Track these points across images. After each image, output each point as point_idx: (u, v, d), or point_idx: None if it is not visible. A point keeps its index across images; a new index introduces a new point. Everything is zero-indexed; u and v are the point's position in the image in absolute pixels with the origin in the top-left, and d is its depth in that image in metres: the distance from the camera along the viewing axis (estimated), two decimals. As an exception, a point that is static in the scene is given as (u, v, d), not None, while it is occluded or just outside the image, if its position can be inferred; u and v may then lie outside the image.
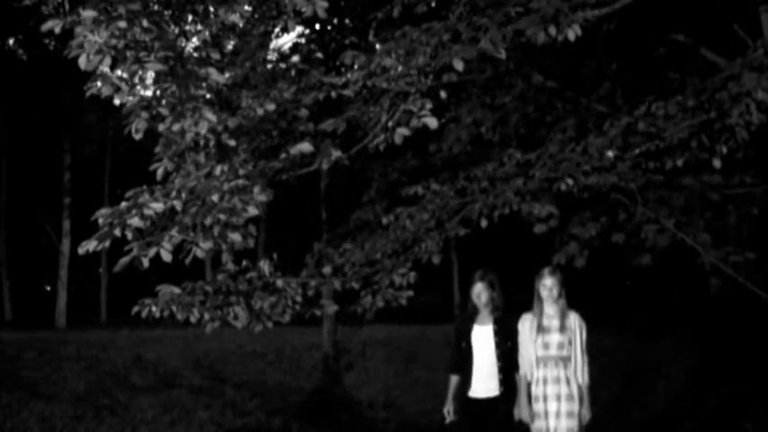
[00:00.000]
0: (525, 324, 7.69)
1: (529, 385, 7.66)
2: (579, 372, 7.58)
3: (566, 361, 7.55)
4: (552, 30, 6.66)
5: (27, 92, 32.19)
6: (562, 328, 7.56)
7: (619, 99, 10.72)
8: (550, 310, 7.63)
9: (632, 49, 11.33)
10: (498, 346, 7.80)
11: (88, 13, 5.80)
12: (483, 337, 7.88)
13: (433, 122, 6.75)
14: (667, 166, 8.62)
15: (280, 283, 7.85)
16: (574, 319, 7.59)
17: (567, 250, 9.45)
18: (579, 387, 7.59)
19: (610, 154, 8.37)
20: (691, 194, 9.49)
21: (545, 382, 7.58)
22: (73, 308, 34.95)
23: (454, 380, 8.08)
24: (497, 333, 7.82)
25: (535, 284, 7.69)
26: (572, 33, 6.62)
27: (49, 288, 41.12)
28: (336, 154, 7.16)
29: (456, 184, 9.39)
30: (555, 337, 7.56)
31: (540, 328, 7.61)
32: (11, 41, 35.52)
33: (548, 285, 7.62)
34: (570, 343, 7.56)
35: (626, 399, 14.88)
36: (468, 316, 8.06)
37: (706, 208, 9.86)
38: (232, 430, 13.86)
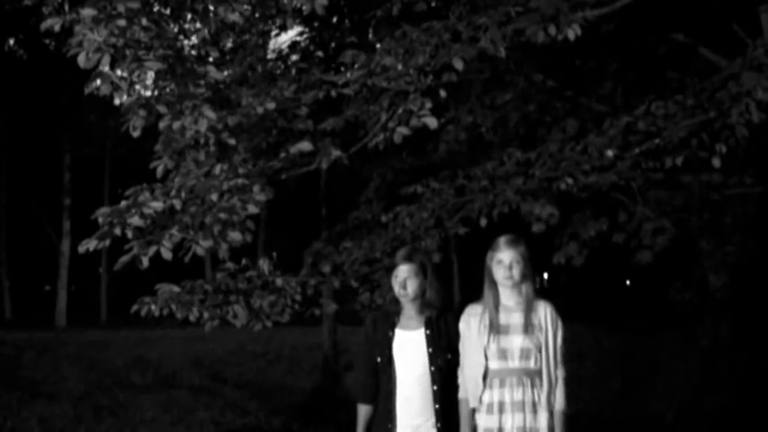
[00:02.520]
0: (471, 322, 5.21)
1: (474, 414, 5.23)
2: (554, 394, 5.13)
3: (533, 377, 5.08)
4: (552, 29, 6.68)
5: (27, 92, 32.19)
6: (528, 328, 5.10)
7: (618, 98, 10.73)
8: (509, 300, 5.19)
9: (632, 49, 11.33)
10: (434, 360, 5.27)
11: (88, 12, 5.81)
12: (410, 349, 5.33)
13: (432, 122, 6.76)
14: (667, 166, 8.61)
15: (279, 281, 7.84)
16: (546, 314, 5.17)
17: (566, 250, 9.44)
18: (552, 416, 5.13)
19: (609, 153, 8.36)
20: (690, 193, 9.49)
21: (501, 409, 5.11)
22: (73, 308, 34.99)
23: (365, 414, 5.52)
24: (432, 341, 5.31)
25: (486, 262, 5.27)
26: (572, 33, 6.64)
27: (48, 288, 41.13)
28: (336, 153, 7.15)
29: (456, 182, 9.38)
30: (517, 341, 5.09)
31: (494, 328, 5.14)
32: (11, 41, 35.54)
33: (505, 262, 5.14)
34: (540, 350, 5.11)
35: (625, 398, 14.87)
36: (385, 317, 5.54)
37: (706, 207, 9.87)
38: (232, 430, 13.86)
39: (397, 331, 5.43)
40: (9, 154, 34.69)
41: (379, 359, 5.41)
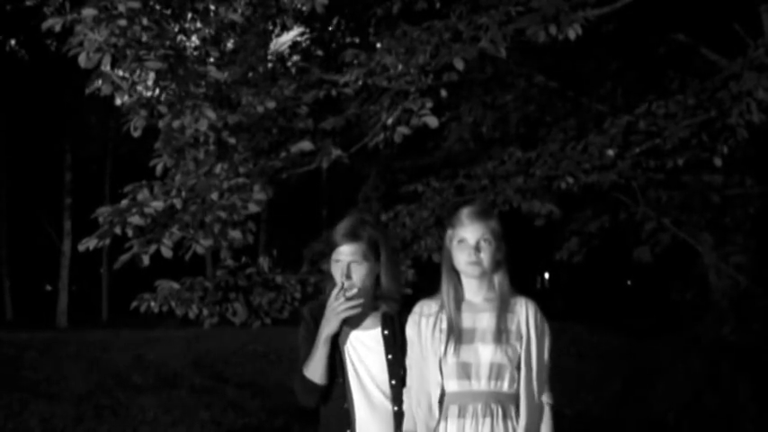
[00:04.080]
0: (422, 324, 3.86)
1: None
2: (535, 429, 3.78)
3: (506, 404, 3.71)
4: (553, 29, 6.68)
5: (28, 92, 32.20)
6: (501, 335, 3.73)
7: (619, 98, 10.75)
8: (476, 295, 3.84)
9: (632, 49, 11.34)
10: (395, 370, 3.98)
11: (88, 12, 5.81)
12: (364, 355, 4.03)
13: (433, 121, 6.76)
14: (668, 165, 8.62)
15: (279, 279, 7.85)
16: (527, 317, 3.82)
17: (568, 246, 9.46)
18: None
19: (610, 152, 8.36)
20: (690, 193, 9.50)
21: None
22: (74, 308, 34.99)
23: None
24: (392, 345, 4.01)
25: (445, 241, 3.96)
26: (573, 32, 6.64)
27: (49, 288, 41.14)
28: (336, 152, 7.16)
29: (456, 181, 9.38)
30: (485, 354, 3.72)
31: (454, 334, 3.76)
32: (12, 42, 35.56)
33: (468, 241, 3.79)
34: (518, 366, 3.74)
35: (626, 399, 14.87)
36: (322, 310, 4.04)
37: (706, 207, 9.88)
38: (233, 430, 13.85)
39: (346, 329, 4.02)
40: (10, 154, 34.69)
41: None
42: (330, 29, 14.21)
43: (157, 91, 6.61)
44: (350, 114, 7.88)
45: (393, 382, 3.98)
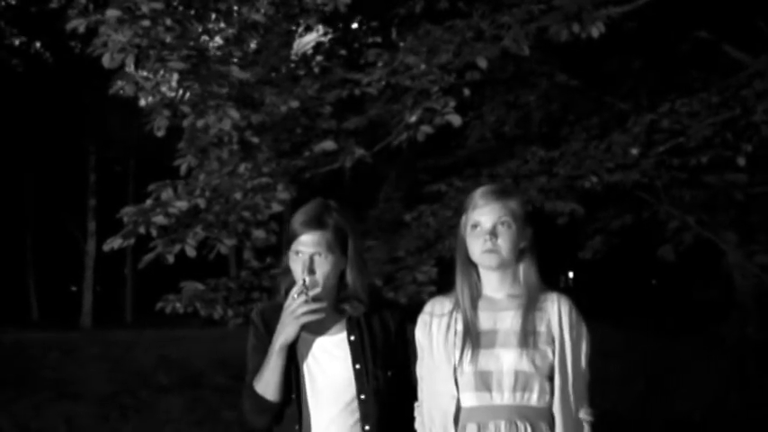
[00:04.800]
0: (433, 327, 3.25)
1: None
2: None
3: (535, 420, 3.07)
4: (576, 27, 6.68)
5: (53, 94, 32.35)
6: (527, 338, 3.09)
7: (642, 97, 10.71)
8: (497, 291, 3.22)
9: (655, 47, 11.30)
10: (363, 382, 3.31)
11: (112, 13, 5.85)
12: (327, 365, 3.37)
13: (456, 120, 6.77)
14: (691, 164, 8.58)
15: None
16: (561, 316, 3.16)
17: (591, 244, 9.43)
18: None
19: (633, 151, 8.33)
20: (714, 192, 9.46)
21: None
22: (98, 308, 35.13)
23: None
24: (359, 351, 3.36)
25: (458, 231, 3.30)
26: (595, 30, 6.65)
27: (74, 288, 41.32)
28: (359, 152, 7.17)
29: (479, 181, 9.35)
30: (508, 360, 3.08)
31: (471, 338, 3.13)
32: (37, 44, 35.74)
33: (484, 225, 3.16)
34: (550, 376, 3.09)
35: (651, 398, 14.82)
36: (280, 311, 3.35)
37: (730, 206, 9.83)
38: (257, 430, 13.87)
39: (305, 336, 3.36)
40: (35, 156, 34.87)
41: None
42: (353, 28, 14.23)
43: (180, 91, 6.64)
44: (373, 114, 7.88)
45: (362, 396, 3.30)
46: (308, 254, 3.33)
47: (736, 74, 8.55)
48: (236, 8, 7.28)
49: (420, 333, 3.30)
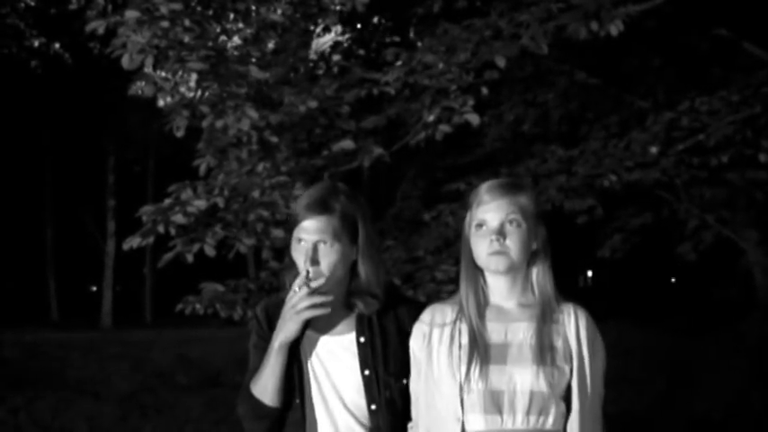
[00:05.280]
0: (433, 338, 2.87)
1: None
2: None
3: None
4: (594, 25, 6.66)
5: (72, 95, 32.48)
6: (543, 353, 2.74)
7: (661, 95, 10.67)
8: (507, 299, 2.86)
9: (675, 45, 11.26)
10: (373, 390, 2.94)
11: (131, 14, 5.87)
12: (333, 369, 3.01)
13: (475, 119, 6.76)
14: (711, 162, 8.55)
15: (322, 280, 7.78)
16: (578, 329, 2.82)
17: (611, 243, 9.41)
18: None
19: (653, 150, 8.30)
20: (735, 190, 9.43)
21: None
22: (118, 308, 35.27)
23: None
24: (369, 355, 2.98)
25: (463, 230, 2.94)
26: (614, 29, 6.62)
27: (94, 289, 41.50)
28: (378, 151, 7.16)
29: (498, 180, 9.32)
30: (524, 379, 2.71)
31: (478, 352, 2.75)
32: (56, 45, 35.89)
33: (490, 223, 2.80)
34: (565, 396, 2.76)
35: (671, 397, 14.77)
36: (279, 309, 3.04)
37: (751, 204, 9.80)
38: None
39: (309, 334, 3.01)
40: (55, 157, 35.04)
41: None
42: (371, 28, 14.23)
43: (199, 91, 6.65)
44: (391, 113, 7.88)
45: (373, 407, 2.91)
46: (312, 242, 2.95)
47: (756, 71, 8.51)
48: (254, 8, 7.30)
49: (417, 345, 2.89)
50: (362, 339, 2.99)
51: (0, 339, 21.52)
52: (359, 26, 14.27)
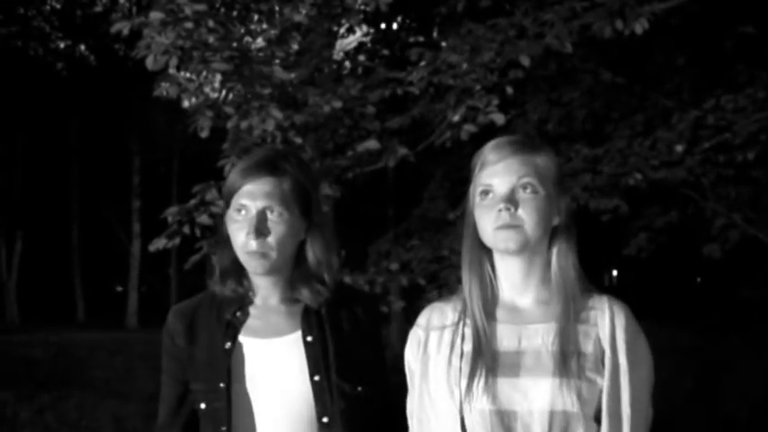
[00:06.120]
0: (431, 344, 2.26)
1: None
2: None
3: None
4: (619, 24, 6.65)
5: (97, 97, 32.63)
6: (565, 361, 2.06)
7: (686, 93, 10.62)
8: (521, 291, 2.22)
9: (700, 42, 11.20)
10: (324, 400, 2.37)
11: (155, 15, 5.89)
12: (272, 379, 2.40)
13: (500, 118, 6.75)
14: (737, 160, 8.50)
15: (348, 279, 7.81)
16: (612, 328, 2.12)
17: (636, 242, 9.37)
18: None
19: (678, 148, 8.27)
20: (761, 189, 9.37)
21: None
22: (143, 308, 35.36)
23: None
24: (318, 355, 2.40)
25: (467, 198, 2.29)
26: (639, 27, 6.60)
27: (120, 289, 41.65)
28: (402, 151, 7.17)
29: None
30: (541, 395, 2.05)
31: (484, 360, 2.11)
32: (82, 47, 36.07)
33: (498, 190, 2.15)
34: (597, 416, 2.06)
35: (697, 396, 14.72)
36: (210, 307, 2.55)
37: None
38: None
39: (244, 341, 2.44)
40: (81, 158, 35.20)
41: (203, 405, 2.46)
42: (394, 28, 14.23)
43: (224, 92, 6.67)
44: (416, 113, 7.88)
45: (324, 419, 2.38)
46: (257, 209, 2.36)
47: (783, 68, 8.47)
48: (278, 9, 7.31)
49: (411, 355, 2.32)
50: (310, 338, 2.42)
51: (28, 340, 21.66)
52: (383, 26, 14.29)
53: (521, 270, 2.20)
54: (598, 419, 2.07)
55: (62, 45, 36.04)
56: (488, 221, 2.14)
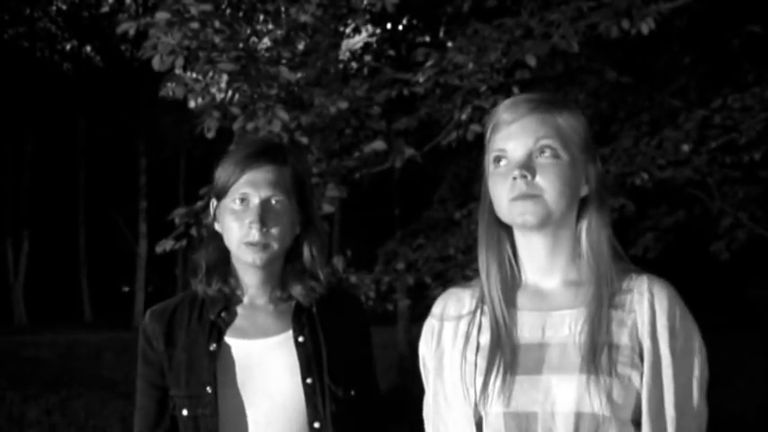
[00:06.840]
0: (444, 335, 1.99)
1: None
2: None
3: None
4: (626, 23, 6.63)
5: (104, 98, 32.68)
6: (594, 354, 1.78)
7: (693, 92, 10.61)
8: (546, 273, 1.94)
9: (706, 42, 11.19)
10: (315, 403, 2.26)
11: (162, 15, 5.89)
12: (262, 382, 2.29)
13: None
14: (744, 160, 8.49)
15: (353, 278, 7.80)
16: (652, 312, 1.83)
17: (643, 241, 9.36)
18: None
19: (685, 148, 8.25)
20: (768, 188, 9.36)
21: None
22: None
23: None
24: (309, 357, 2.30)
25: (483, 167, 1.99)
26: (645, 27, 6.59)
27: (126, 289, 41.70)
28: (409, 152, 7.16)
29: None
30: (567, 394, 1.77)
31: (503, 353, 1.84)
32: (88, 48, 36.14)
33: (513, 155, 1.87)
34: (635, 419, 1.80)
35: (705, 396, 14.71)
36: (191, 307, 2.43)
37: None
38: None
39: (230, 342, 2.33)
40: (87, 159, 35.25)
41: (184, 412, 2.34)
42: (400, 28, 14.24)
43: (230, 93, 6.66)
44: (422, 113, 7.87)
45: (316, 425, 2.25)
46: (261, 197, 2.25)
47: (790, 68, 8.46)
48: (284, 9, 7.31)
49: (426, 348, 2.05)
50: (301, 339, 2.30)
51: (35, 340, 21.70)
52: (389, 26, 14.29)
53: (545, 248, 1.92)
54: (639, 423, 1.81)
55: (68, 46, 36.14)
56: (503, 192, 1.88)
